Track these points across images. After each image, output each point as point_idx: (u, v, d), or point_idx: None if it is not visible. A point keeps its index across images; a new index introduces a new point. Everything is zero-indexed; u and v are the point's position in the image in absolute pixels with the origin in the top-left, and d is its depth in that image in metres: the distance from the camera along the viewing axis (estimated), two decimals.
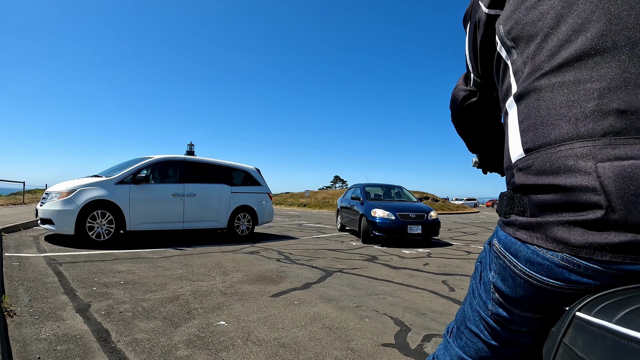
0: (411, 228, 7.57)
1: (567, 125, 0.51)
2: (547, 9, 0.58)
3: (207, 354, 2.11)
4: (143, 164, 6.64)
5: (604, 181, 0.46)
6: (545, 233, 0.52)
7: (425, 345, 2.39)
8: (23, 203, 14.05)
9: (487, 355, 0.68)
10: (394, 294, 3.66)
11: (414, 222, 7.66)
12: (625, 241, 0.45)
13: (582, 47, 0.52)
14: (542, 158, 0.53)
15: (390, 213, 7.71)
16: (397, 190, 9.98)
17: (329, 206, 29.58)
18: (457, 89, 0.93)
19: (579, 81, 0.52)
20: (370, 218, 7.76)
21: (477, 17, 0.75)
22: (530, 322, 0.60)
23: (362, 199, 8.75)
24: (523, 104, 0.58)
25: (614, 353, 0.40)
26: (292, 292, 3.55)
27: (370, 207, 8.07)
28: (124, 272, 4.06)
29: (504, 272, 0.59)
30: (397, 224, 7.56)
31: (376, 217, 7.71)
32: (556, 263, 0.51)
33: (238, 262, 4.99)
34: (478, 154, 1.07)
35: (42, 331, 2.29)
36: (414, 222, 7.68)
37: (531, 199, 0.55)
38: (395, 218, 7.64)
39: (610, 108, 0.48)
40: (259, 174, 8.49)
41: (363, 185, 9.44)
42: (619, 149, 0.47)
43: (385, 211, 7.76)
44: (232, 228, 7.72)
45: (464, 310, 0.74)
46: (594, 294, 0.49)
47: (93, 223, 5.85)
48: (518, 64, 0.61)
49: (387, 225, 7.54)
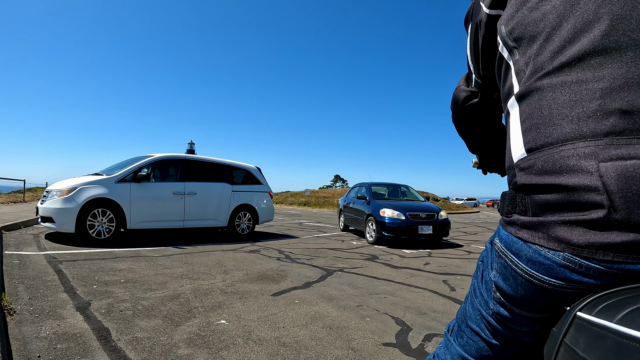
0: (422, 228, 7.34)
1: (570, 125, 0.51)
2: (549, 9, 0.58)
3: (208, 353, 2.11)
4: (144, 162, 6.64)
5: (606, 181, 0.46)
6: (547, 232, 0.52)
7: (426, 345, 2.39)
8: (23, 201, 14.06)
9: (487, 354, 0.68)
10: (394, 294, 3.66)
11: (425, 222, 7.43)
12: (627, 241, 0.45)
13: (584, 47, 0.52)
14: (544, 158, 0.53)
15: (400, 213, 7.45)
16: (404, 190, 9.65)
17: (329, 205, 29.59)
18: (459, 89, 0.92)
19: (582, 81, 0.52)
20: (379, 218, 7.51)
21: (479, 17, 0.75)
22: (531, 322, 0.60)
23: (369, 198, 8.48)
24: (525, 104, 0.58)
25: (615, 353, 0.40)
26: (292, 291, 3.55)
27: (378, 206, 7.82)
28: (125, 270, 4.07)
29: (506, 271, 0.60)
30: (407, 224, 7.31)
31: (385, 217, 7.45)
32: (558, 262, 0.51)
33: (239, 261, 5.00)
34: (478, 155, 1.07)
35: (42, 329, 2.29)
36: (425, 222, 7.44)
37: (533, 199, 0.55)
38: (406, 218, 7.38)
39: (613, 108, 0.48)
40: (259, 173, 8.49)
41: (369, 184, 9.15)
42: (621, 149, 0.47)
43: (395, 211, 7.50)
44: (233, 227, 7.72)
45: (465, 309, 0.74)
46: (595, 294, 0.49)
47: (94, 221, 5.85)
48: (520, 64, 0.61)
49: (397, 225, 7.28)
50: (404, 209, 7.64)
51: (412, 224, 7.34)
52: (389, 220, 7.40)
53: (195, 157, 7.44)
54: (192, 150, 20.99)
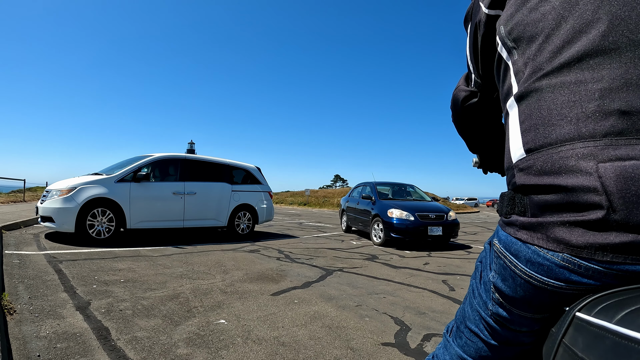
0: (431, 229, 6.97)
1: (569, 126, 0.51)
2: (548, 9, 0.58)
3: (207, 353, 2.11)
4: (144, 162, 6.64)
5: (605, 181, 0.46)
6: (546, 233, 0.52)
7: (425, 345, 2.39)
8: (23, 201, 14.06)
9: (486, 355, 0.68)
10: (394, 293, 3.66)
11: (435, 224, 7.07)
12: (626, 242, 0.45)
13: (583, 48, 0.52)
14: (543, 158, 0.53)
15: (408, 213, 7.10)
16: (410, 189, 9.20)
17: (329, 205, 29.58)
18: (458, 89, 0.93)
19: (581, 82, 0.52)
20: (386, 219, 7.17)
21: (478, 17, 0.75)
22: (530, 322, 0.60)
23: (375, 198, 8.09)
24: (524, 105, 0.58)
25: (614, 353, 0.40)
26: (292, 291, 3.55)
27: (385, 207, 7.45)
28: (124, 270, 4.07)
29: (504, 272, 0.59)
30: (416, 225, 6.94)
31: (393, 217, 7.10)
32: (557, 263, 0.51)
33: (238, 261, 5.00)
34: (478, 154, 1.07)
35: (42, 329, 2.29)
36: (435, 223, 7.10)
37: (532, 200, 0.55)
38: (415, 219, 7.02)
39: (612, 109, 0.48)
40: (259, 173, 8.49)
41: (374, 184, 8.72)
42: (620, 150, 0.47)
43: (404, 211, 7.14)
44: (233, 226, 7.72)
45: (464, 309, 0.74)
46: (594, 295, 0.49)
47: (93, 221, 5.85)
48: (519, 65, 0.61)
49: (405, 226, 6.94)
50: (412, 209, 7.29)
51: (421, 225, 6.99)
52: (397, 221, 7.06)
53: (195, 157, 7.44)
54: (192, 150, 20.97)
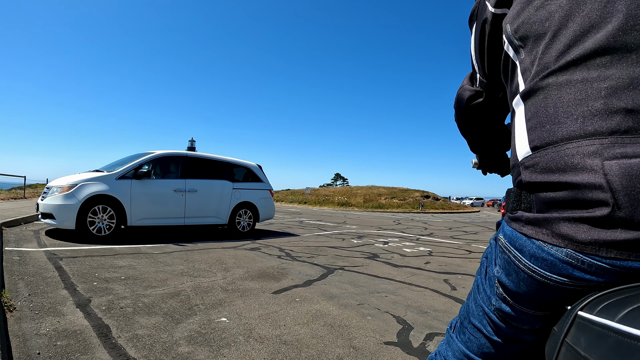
0: None
1: (575, 124, 0.52)
2: (555, 8, 0.58)
3: (209, 351, 2.11)
4: (145, 159, 6.65)
5: (611, 179, 0.46)
6: (551, 229, 0.52)
7: (427, 344, 2.39)
8: (24, 197, 14.09)
9: (489, 352, 0.68)
10: (395, 292, 3.66)
11: None
12: (630, 239, 0.45)
13: (591, 47, 0.52)
14: (549, 156, 0.53)
15: None
16: None
17: (329, 203, 29.60)
18: (463, 88, 0.92)
19: (587, 80, 0.52)
20: None
21: (484, 16, 0.75)
22: (532, 320, 0.60)
23: None
24: (530, 102, 0.59)
25: (616, 352, 0.40)
26: (293, 289, 3.55)
27: None
28: (125, 267, 4.07)
29: (509, 267, 0.60)
30: None
31: None
32: (560, 259, 0.51)
33: (239, 259, 5.00)
34: (479, 155, 1.07)
35: (42, 326, 2.29)
36: None
37: (538, 196, 0.55)
38: None
39: (618, 107, 0.48)
40: (260, 171, 8.49)
41: None
42: (626, 147, 0.47)
43: None
44: (233, 224, 7.73)
45: (468, 305, 0.75)
46: (596, 293, 0.49)
47: (94, 218, 5.86)
48: (526, 63, 0.61)
49: None
50: None
51: None
52: None
53: (196, 155, 7.45)
54: (192, 148, 20.96)
